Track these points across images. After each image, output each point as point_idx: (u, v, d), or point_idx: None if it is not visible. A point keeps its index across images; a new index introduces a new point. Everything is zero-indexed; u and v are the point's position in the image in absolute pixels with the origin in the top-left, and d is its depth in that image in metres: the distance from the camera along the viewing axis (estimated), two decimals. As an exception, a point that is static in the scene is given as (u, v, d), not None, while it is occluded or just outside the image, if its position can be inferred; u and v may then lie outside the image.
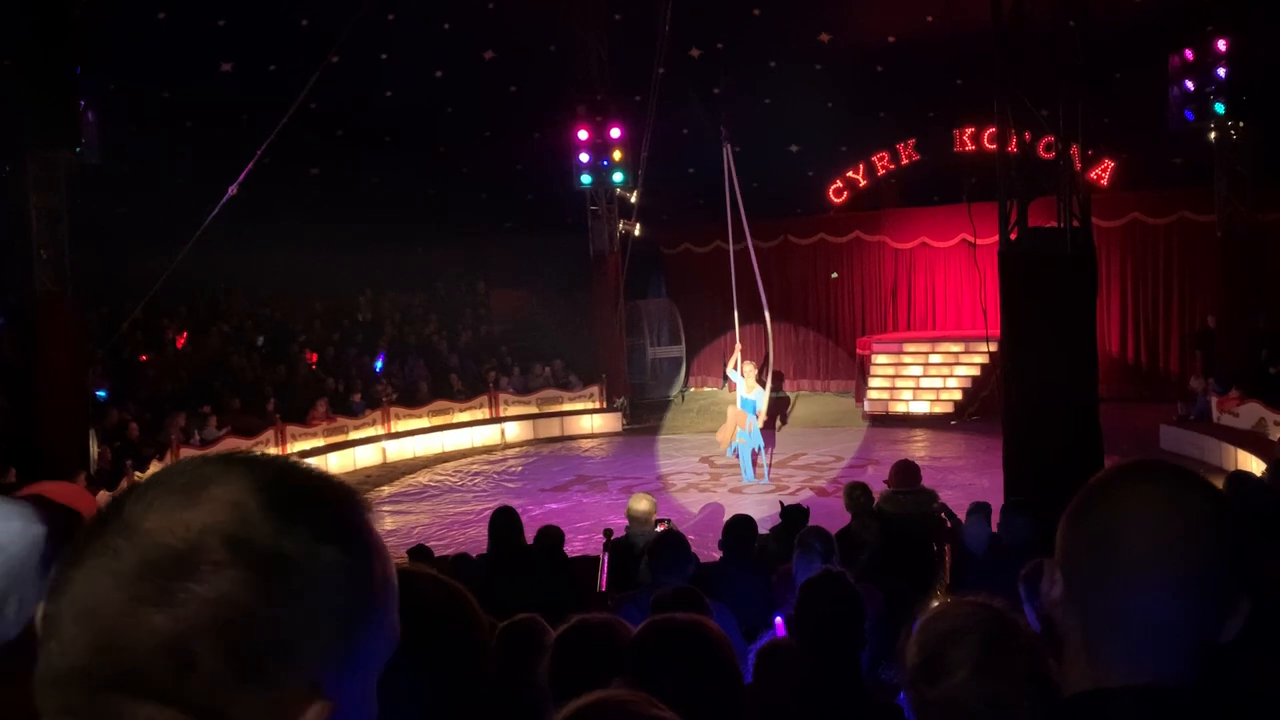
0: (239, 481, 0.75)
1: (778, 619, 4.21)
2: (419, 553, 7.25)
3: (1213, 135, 14.84)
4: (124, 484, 12.16)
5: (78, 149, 11.69)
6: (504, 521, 6.15)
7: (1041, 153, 12.09)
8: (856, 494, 7.11)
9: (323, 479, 0.80)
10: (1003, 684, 1.62)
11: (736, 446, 13.61)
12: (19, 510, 1.52)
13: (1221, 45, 13.79)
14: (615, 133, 18.37)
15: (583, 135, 18.43)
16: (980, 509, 6.44)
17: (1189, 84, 14.26)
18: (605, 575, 6.78)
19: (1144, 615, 1.11)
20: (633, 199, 18.45)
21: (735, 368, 13.66)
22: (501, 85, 19.16)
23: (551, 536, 6.38)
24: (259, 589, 0.71)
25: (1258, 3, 13.81)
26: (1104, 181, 18.29)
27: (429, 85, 18.40)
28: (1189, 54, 14.21)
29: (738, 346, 13.91)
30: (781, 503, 7.80)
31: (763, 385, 13.72)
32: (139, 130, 15.87)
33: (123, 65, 13.93)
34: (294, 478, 0.78)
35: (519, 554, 6.04)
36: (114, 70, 13.45)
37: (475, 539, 6.89)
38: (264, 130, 12.14)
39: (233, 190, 12.01)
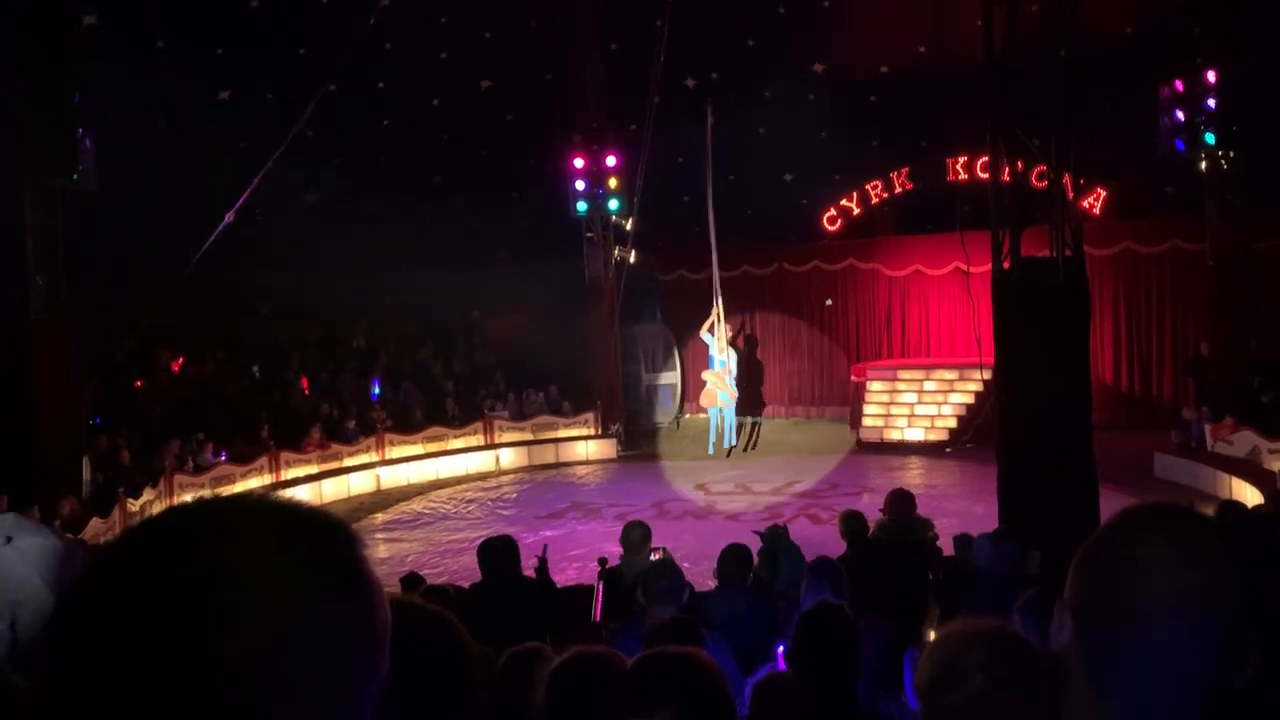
0: (243, 536, 0.75)
1: (780, 649, 4.21)
2: (411, 580, 7.22)
3: (1203, 165, 14.95)
4: (116, 511, 12.14)
5: (74, 176, 11.71)
6: (496, 550, 6.13)
7: (1034, 181, 12.17)
8: (852, 523, 7.10)
9: (323, 525, 0.80)
10: (1018, 691, 1.61)
11: (721, 410, 13.81)
12: (37, 528, 1.54)
13: (1211, 76, 13.93)
14: (611, 161, 18.51)
15: (579, 163, 18.58)
16: (1002, 535, 6.43)
17: (1179, 114, 14.39)
18: (600, 605, 6.75)
19: (1161, 664, 1.11)
20: (628, 226, 18.54)
21: (710, 330, 13.84)
22: (498, 114, 19.28)
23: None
24: (266, 645, 0.72)
25: (1246, 33, 13.95)
26: (1096, 210, 18.42)
27: (426, 114, 18.51)
28: (1179, 85, 14.35)
29: (715, 309, 14.04)
30: (759, 533, 7.76)
31: (735, 348, 13.92)
32: (137, 157, 15.95)
33: (121, 93, 13.99)
34: (296, 527, 0.79)
35: (512, 583, 6.01)
36: (112, 98, 13.51)
37: (469, 566, 6.88)
38: (261, 157, 12.22)
39: (230, 217, 12.07)
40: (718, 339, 13.56)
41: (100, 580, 0.75)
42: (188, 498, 13.79)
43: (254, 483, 15.12)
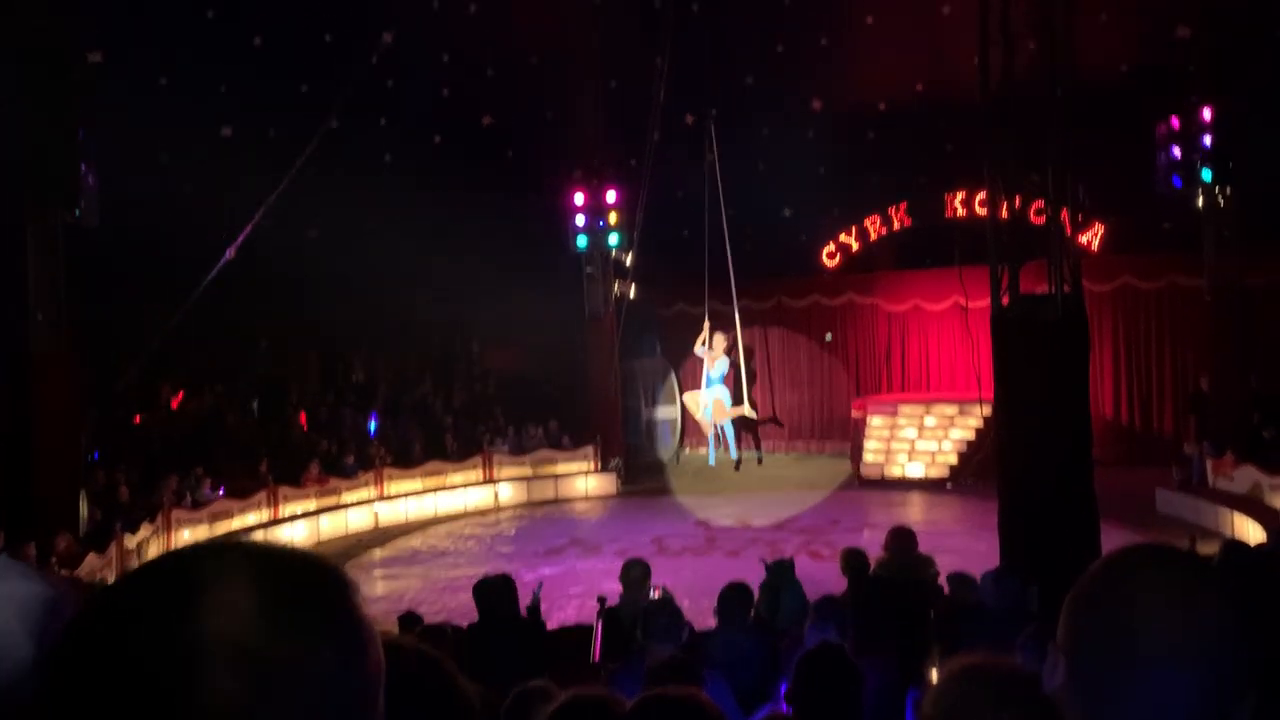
0: (234, 582, 0.75)
1: (784, 688, 4.17)
2: (409, 620, 7.15)
3: (1200, 201, 15.03)
4: (113, 548, 12.08)
5: (77, 211, 11.77)
6: (493, 589, 6.09)
7: (1032, 217, 12.23)
8: (853, 560, 7.06)
9: (313, 569, 0.80)
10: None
11: (713, 421, 13.88)
12: (24, 572, 1.51)
13: (1206, 114, 14.03)
14: (610, 196, 18.63)
15: (579, 198, 18.71)
16: (1003, 572, 6.40)
17: (1175, 151, 14.48)
18: (599, 644, 6.69)
19: (1159, 706, 1.10)
20: (628, 260, 18.61)
21: (704, 343, 13.86)
22: (499, 150, 19.42)
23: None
24: (259, 693, 0.72)
25: (1241, 70, 14.07)
26: (1094, 246, 18.49)
27: (427, 150, 18.63)
28: (1175, 122, 14.45)
29: (707, 323, 14.09)
30: (765, 563, 7.72)
31: (729, 356, 13.98)
32: (138, 191, 16.03)
33: (124, 127, 14.09)
34: (289, 573, 0.78)
35: (510, 622, 5.97)
36: (115, 133, 13.61)
37: (467, 604, 6.83)
38: (264, 192, 12.28)
39: (230, 253, 12.11)
40: (714, 350, 13.71)
41: (88, 630, 0.75)
42: (185, 534, 13.76)
43: (252, 519, 15.05)
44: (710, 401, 14.21)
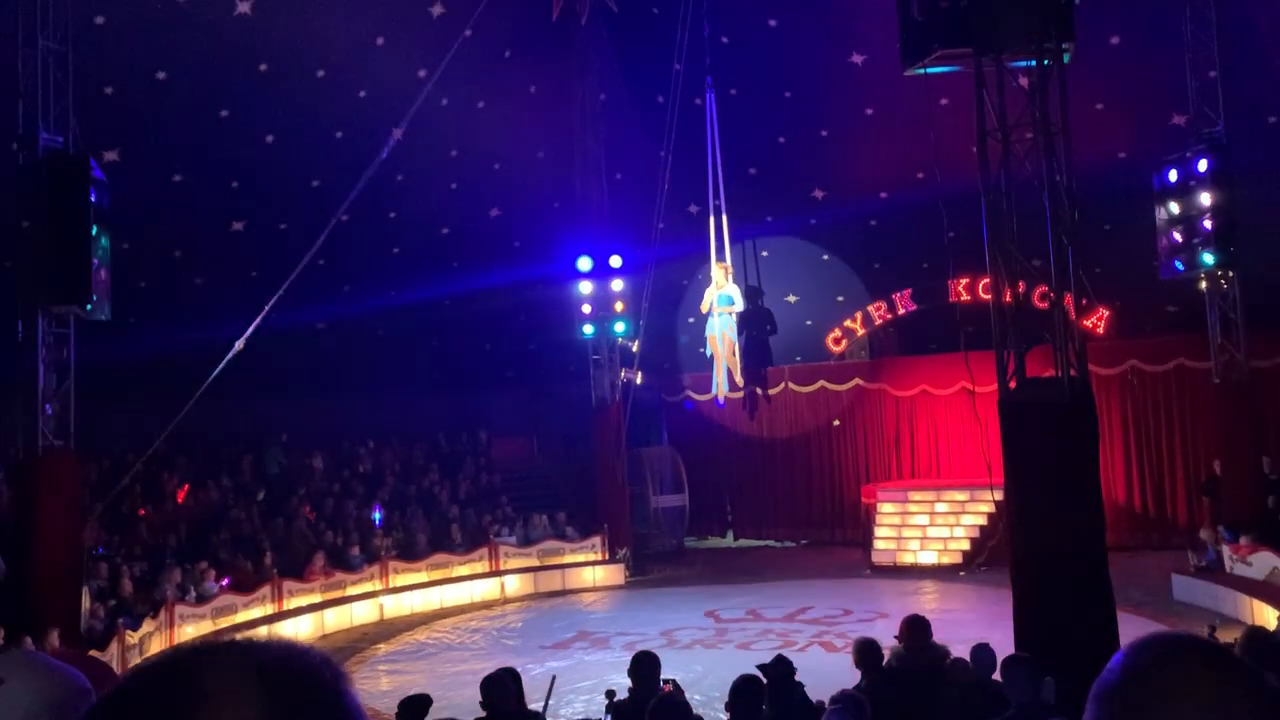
0: (233, 690, 0.77)
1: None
2: (412, 706, 6.85)
3: (1203, 284, 15.09)
4: (114, 644, 11.90)
5: (88, 306, 11.89)
6: (498, 684, 5.97)
7: (1036, 301, 12.31)
8: (866, 651, 6.91)
9: (308, 665, 0.82)
10: None
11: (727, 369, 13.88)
12: (38, 670, 1.50)
13: (1206, 199, 14.16)
14: (617, 285, 18.81)
15: (585, 288, 18.89)
16: (1016, 662, 6.25)
17: (1176, 236, 14.60)
18: (607, 740, 6.53)
19: None
20: (634, 348, 18.68)
21: (714, 290, 13.93)
22: (506, 239, 19.67)
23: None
24: None
25: (1239, 153, 14.25)
26: (1100, 329, 18.53)
27: (435, 241, 18.89)
28: (1175, 206, 14.59)
29: (710, 288, 14.16)
30: (762, 667, 7.52)
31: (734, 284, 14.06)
32: (150, 285, 16.23)
33: (137, 225, 14.32)
34: (281, 672, 0.79)
35: (515, 718, 5.84)
36: (128, 229, 13.83)
37: (472, 700, 6.67)
38: (272, 286, 12.42)
39: (239, 345, 12.18)
40: (727, 282, 13.87)
41: None
42: (188, 630, 13.56)
43: (256, 613, 14.85)
44: (718, 332, 14.22)
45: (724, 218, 14.09)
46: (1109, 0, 14.43)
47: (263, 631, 14.03)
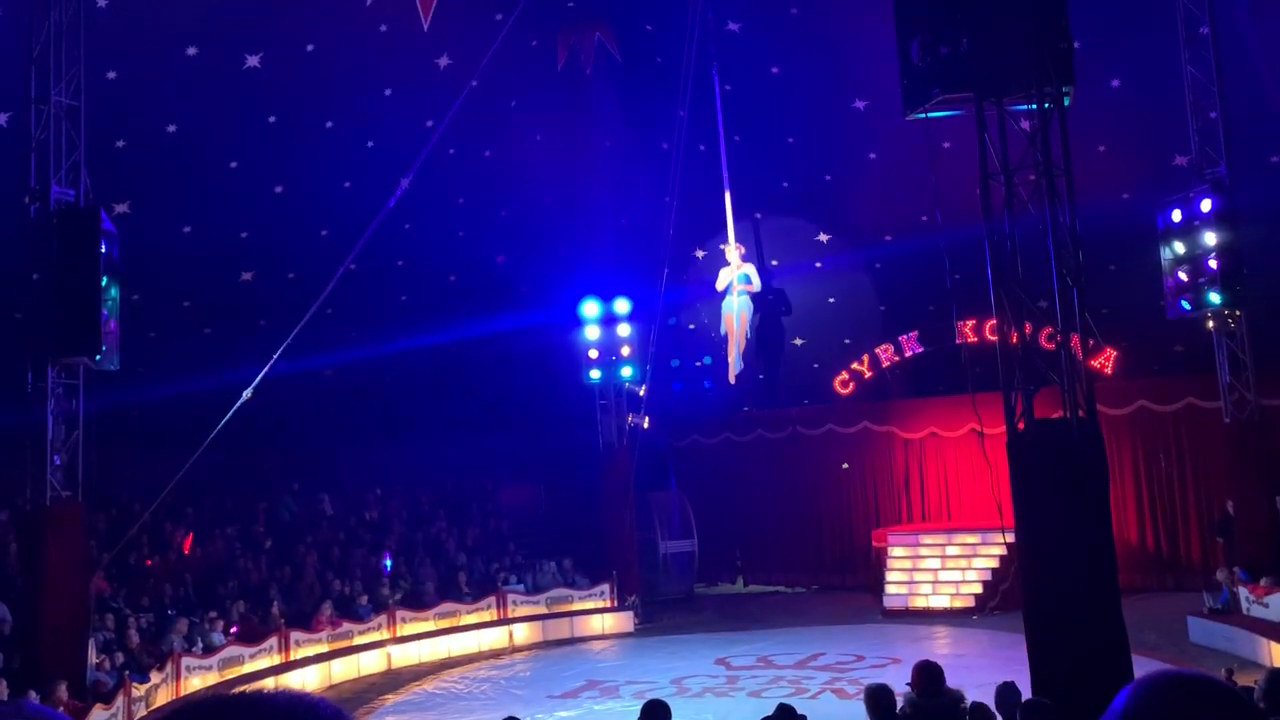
0: None
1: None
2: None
3: (1210, 324, 15.05)
4: (120, 697, 11.79)
5: (98, 357, 11.94)
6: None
7: (1044, 342, 12.27)
8: (879, 698, 6.82)
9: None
10: None
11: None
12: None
13: (1211, 239, 14.18)
14: (624, 330, 18.87)
15: (592, 333, 18.96)
16: (1030, 707, 6.16)
17: (1181, 275, 14.59)
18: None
19: None
20: (641, 393, 18.68)
21: (732, 270, 13.88)
22: (512, 285, 19.78)
23: None
24: None
25: (1241, 193, 14.28)
26: (1108, 370, 18.49)
27: (443, 288, 18.99)
28: (1180, 245, 14.60)
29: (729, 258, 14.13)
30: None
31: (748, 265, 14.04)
32: (159, 335, 16.32)
33: (147, 276, 14.43)
34: None
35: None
36: (138, 280, 13.93)
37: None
38: (281, 334, 12.47)
39: (248, 394, 12.21)
40: (742, 264, 13.84)
41: None
42: (195, 681, 13.45)
43: (263, 664, 14.73)
44: (736, 310, 14.18)
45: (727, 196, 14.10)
46: (1109, 44, 14.57)
47: (270, 683, 13.91)
